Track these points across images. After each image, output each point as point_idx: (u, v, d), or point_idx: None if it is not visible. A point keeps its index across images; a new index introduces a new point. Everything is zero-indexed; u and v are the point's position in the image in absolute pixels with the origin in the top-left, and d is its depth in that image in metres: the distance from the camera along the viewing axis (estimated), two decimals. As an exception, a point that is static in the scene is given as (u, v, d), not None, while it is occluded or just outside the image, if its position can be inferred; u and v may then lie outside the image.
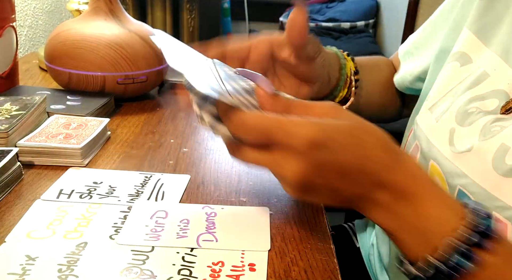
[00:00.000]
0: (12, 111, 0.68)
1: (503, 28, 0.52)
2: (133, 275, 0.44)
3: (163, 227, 0.51)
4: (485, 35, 0.54)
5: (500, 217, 0.42)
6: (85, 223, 0.51)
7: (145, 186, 0.60)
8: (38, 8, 1.37)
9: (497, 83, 0.49)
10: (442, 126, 0.52)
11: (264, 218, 0.54)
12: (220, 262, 0.46)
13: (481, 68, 0.51)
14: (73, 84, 0.85)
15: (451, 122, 0.51)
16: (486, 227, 0.36)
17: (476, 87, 0.51)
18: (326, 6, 2.60)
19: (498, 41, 0.52)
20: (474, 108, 0.49)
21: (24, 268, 0.44)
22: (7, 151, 0.58)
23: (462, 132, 0.49)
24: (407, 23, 2.03)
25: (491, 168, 0.44)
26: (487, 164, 0.44)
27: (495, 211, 0.43)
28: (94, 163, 0.66)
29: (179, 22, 1.92)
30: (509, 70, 0.48)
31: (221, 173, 0.65)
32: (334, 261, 0.48)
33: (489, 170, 0.44)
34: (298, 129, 0.37)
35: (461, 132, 0.49)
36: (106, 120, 0.73)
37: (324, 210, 0.58)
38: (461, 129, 0.49)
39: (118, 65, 0.83)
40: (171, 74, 1.00)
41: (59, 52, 0.84)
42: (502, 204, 0.42)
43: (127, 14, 0.89)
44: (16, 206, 0.54)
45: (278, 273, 0.46)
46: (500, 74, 0.49)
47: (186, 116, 0.85)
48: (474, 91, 0.51)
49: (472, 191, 0.46)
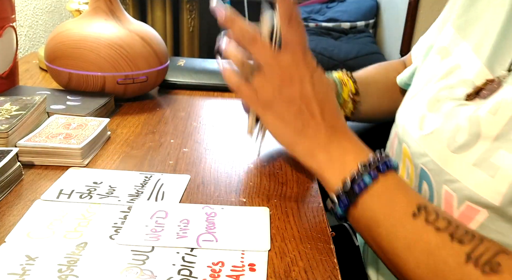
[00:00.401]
0: (12, 111, 0.68)
1: (481, 24, 0.57)
2: (133, 275, 0.44)
3: (163, 227, 0.51)
4: (464, 31, 0.59)
5: (449, 189, 0.49)
6: (85, 223, 0.51)
7: (145, 186, 0.60)
8: (38, 8, 1.37)
9: (466, 73, 0.54)
10: (415, 112, 0.58)
11: (264, 218, 0.54)
12: (220, 262, 0.46)
13: (456, 60, 0.57)
14: (73, 84, 0.85)
15: (422, 109, 0.57)
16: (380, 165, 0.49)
17: (447, 77, 0.57)
18: (326, 6, 2.60)
19: (474, 35, 0.57)
20: (443, 96, 0.55)
21: (24, 268, 0.44)
22: (7, 151, 0.58)
23: (430, 117, 0.55)
24: (407, 23, 2.03)
25: (445, 146, 0.51)
26: (443, 143, 0.51)
27: (445, 184, 0.50)
28: (94, 163, 0.66)
29: (179, 22, 1.92)
30: (477, 62, 0.54)
31: (221, 173, 0.65)
32: (334, 261, 0.48)
33: (443, 148, 0.51)
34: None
35: (429, 117, 0.55)
36: (106, 120, 0.73)
37: (324, 210, 0.58)
38: (429, 115, 0.55)
39: (118, 65, 0.83)
40: (171, 74, 1.00)
41: (59, 52, 0.84)
42: (450, 178, 0.49)
43: (127, 14, 0.89)
44: (16, 206, 0.54)
45: (278, 273, 0.46)
46: (469, 66, 0.55)
47: (186, 116, 0.85)
48: (445, 81, 0.56)
49: (430, 168, 0.52)
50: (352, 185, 0.49)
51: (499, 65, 0.52)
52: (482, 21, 0.57)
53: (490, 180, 0.45)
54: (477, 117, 0.48)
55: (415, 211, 0.45)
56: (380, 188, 0.49)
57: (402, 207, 0.47)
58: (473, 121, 0.48)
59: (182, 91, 0.99)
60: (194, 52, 1.98)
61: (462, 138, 0.49)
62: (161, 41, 0.90)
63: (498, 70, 0.52)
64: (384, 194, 0.49)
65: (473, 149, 0.47)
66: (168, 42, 1.92)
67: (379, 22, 2.55)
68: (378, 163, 0.49)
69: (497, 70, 0.52)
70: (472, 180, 0.47)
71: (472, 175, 0.47)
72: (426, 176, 0.53)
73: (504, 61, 0.51)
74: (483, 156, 0.46)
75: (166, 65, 0.91)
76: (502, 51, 0.52)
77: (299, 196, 0.60)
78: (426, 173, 0.53)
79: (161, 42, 0.90)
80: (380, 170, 0.49)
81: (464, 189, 0.47)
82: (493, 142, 0.46)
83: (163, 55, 0.89)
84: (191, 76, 1.01)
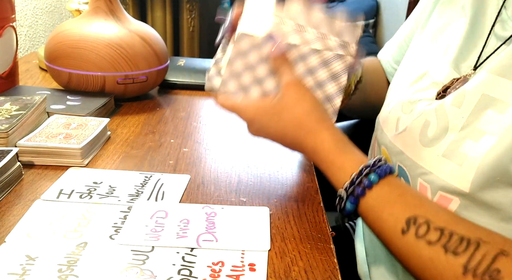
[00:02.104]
0: (12, 111, 0.68)
1: (448, 31, 0.61)
2: (133, 275, 0.44)
3: (163, 227, 0.51)
4: (434, 38, 0.63)
5: (423, 181, 0.52)
6: (85, 223, 0.51)
7: (145, 186, 0.60)
8: (38, 8, 1.37)
9: (435, 76, 0.58)
10: (391, 116, 0.61)
11: (264, 218, 0.54)
12: (220, 262, 0.46)
13: (425, 68, 0.60)
14: (73, 84, 0.85)
15: (398, 112, 0.60)
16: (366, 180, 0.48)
17: (418, 82, 0.60)
18: (326, 6, 2.60)
19: (442, 42, 0.61)
20: (415, 98, 0.58)
21: (24, 268, 0.44)
22: (7, 151, 0.58)
23: (404, 118, 0.58)
24: (407, 23, 2.02)
25: (417, 142, 0.53)
26: (415, 138, 0.54)
27: (419, 177, 0.52)
28: (94, 163, 0.66)
29: (179, 22, 1.92)
30: (445, 64, 0.57)
31: (221, 173, 0.65)
32: (334, 261, 0.48)
33: (416, 144, 0.53)
34: (243, 112, 0.57)
35: (403, 118, 0.58)
36: (106, 120, 0.73)
37: (324, 210, 0.58)
38: (403, 116, 0.58)
39: (118, 65, 0.83)
40: (171, 74, 1.00)
41: (59, 52, 0.84)
42: (423, 171, 0.51)
43: (127, 14, 0.89)
44: (16, 206, 0.54)
45: (278, 273, 0.46)
46: (437, 69, 0.58)
47: (186, 116, 0.85)
48: (417, 85, 0.60)
49: (406, 165, 0.55)
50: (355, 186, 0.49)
51: (465, 65, 0.55)
52: (449, 28, 0.61)
53: (458, 168, 0.47)
54: (443, 111, 0.51)
55: (404, 228, 0.44)
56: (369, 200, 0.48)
57: (390, 225, 0.46)
58: (440, 115, 0.51)
59: (182, 91, 0.99)
60: (194, 52, 1.98)
61: (432, 132, 0.52)
62: (161, 41, 0.90)
63: (464, 70, 0.55)
64: (373, 209, 0.48)
65: (442, 141, 0.50)
66: (168, 42, 1.92)
67: (379, 22, 2.55)
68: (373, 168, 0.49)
69: (463, 70, 0.55)
70: (442, 171, 0.49)
71: (443, 166, 0.49)
72: (403, 172, 0.55)
73: (470, 60, 0.55)
74: (451, 147, 0.49)
75: (166, 65, 0.91)
76: (468, 51, 0.56)
77: (299, 196, 0.60)
78: (403, 170, 0.55)
79: (161, 42, 0.90)
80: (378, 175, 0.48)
81: (436, 180, 0.49)
82: (460, 133, 0.49)
83: (163, 55, 0.89)
84: (191, 76, 1.01)
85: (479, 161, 0.45)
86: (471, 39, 0.57)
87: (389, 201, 0.47)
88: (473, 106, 0.48)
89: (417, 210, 0.45)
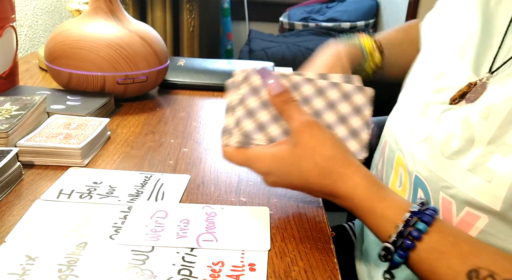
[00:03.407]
0: (12, 111, 0.68)
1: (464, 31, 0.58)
2: (133, 275, 0.44)
3: (163, 227, 0.51)
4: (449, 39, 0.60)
5: (446, 196, 0.49)
6: (85, 223, 0.51)
7: (145, 186, 0.60)
8: (38, 8, 1.37)
9: (452, 78, 0.55)
10: (405, 120, 0.58)
11: (264, 218, 0.54)
12: (220, 262, 0.46)
13: (441, 68, 0.57)
14: (73, 84, 0.85)
15: (412, 116, 0.57)
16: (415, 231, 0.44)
17: (435, 81, 0.57)
18: (326, 6, 2.60)
19: (458, 42, 0.57)
20: (430, 101, 0.55)
21: (24, 268, 0.44)
22: (7, 151, 0.58)
23: (419, 123, 0.55)
24: (407, 23, 2.02)
25: (439, 153, 0.50)
26: (436, 149, 0.51)
27: (442, 191, 0.49)
28: (94, 163, 0.66)
29: (179, 22, 1.92)
30: (463, 66, 0.54)
31: (221, 173, 0.65)
32: (334, 261, 0.48)
33: (438, 155, 0.50)
34: (256, 164, 0.52)
35: (419, 123, 0.55)
36: (106, 120, 0.73)
37: (324, 210, 0.58)
38: (419, 120, 0.55)
39: (118, 65, 0.83)
40: (171, 74, 1.00)
41: (59, 52, 0.84)
42: (446, 184, 0.48)
43: (127, 14, 0.89)
44: (16, 206, 0.54)
45: (278, 273, 0.46)
46: (454, 71, 0.55)
47: (186, 116, 0.85)
48: (433, 86, 0.56)
49: (425, 176, 0.52)
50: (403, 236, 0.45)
51: (483, 68, 0.52)
52: (465, 28, 0.57)
53: (487, 185, 0.44)
54: (469, 122, 0.48)
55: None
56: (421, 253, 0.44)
57: (449, 279, 0.42)
58: (466, 126, 0.48)
59: (182, 91, 0.99)
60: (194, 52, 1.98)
61: (456, 144, 0.48)
62: (161, 41, 0.90)
63: (482, 73, 0.52)
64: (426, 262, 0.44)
65: (467, 154, 0.47)
66: (168, 42, 1.92)
67: (379, 22, 2.55)
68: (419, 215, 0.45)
69: (481, 73, 0.52)
70: (468, 186, 0.46)
71: (469, 181, 0.46)
72: (421, 183, 0.53)
73: (487, 62, 0.52)
74: (478, 161, 0.46)
75: (166, 65, 0.91)
76: (484, 52, 0.53)
77: (299, 196, 0.60)
78: (421, 181, 0.53)
79: (161, 42, 0.90)
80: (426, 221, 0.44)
81: (461, 195, 0.47)
82: (487, 147, 0.46)
83: (163, 55, 0.89)
84: (191, 76, 1.01)
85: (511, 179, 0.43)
86: (486, 38, 0.54)
87: (443, 252, 0.43)
88: (501, 119, 0.45)
89: (476, 260, 0.42)
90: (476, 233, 0.46)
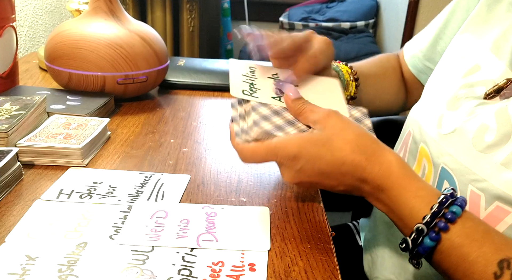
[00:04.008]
0: (12, 111, 0.68)
1: (497, 27, 0.57)
2: (133, 275, 0.44)
3: (163, 227, 0.51)
4: (481, 34, 0.59)
5: (475, 189, 0.48)
6: (85, 223, 0.51)
7: (145, 186, 0.60)
8: (38, 8, 1.37)
9: (487, 73, 0.54)
10: (433, 111, 0.57)
11: (264, 218, 0.54)
12: (220, 262, 0.46)
13: (474, 61, 0.57)
14: (73, 84, 0.85)
15: (441, 108, 0.56)
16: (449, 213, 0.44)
17: (467, 76, 0.56)
18: (326, 6, 2.60)
19: (490, 38, 0.57)
20: (462, 94, 0.55)
21: (24, 268, 0.44)
22: (7, 151, 0.58)
23: (449, 116, 0.54)
24: (407, 23, 2.03)
25: (471, 146, 0.49)
26: (468, 142, 0.50)
27: (471, 184, 0.48)
28: (94, 163, 0.66)
29: (179, 22, 1.92)
30: (499, 62, 0.54)
31: (221, 173, 0.65)
32: (334, 261, 0.48)
33: (469, 148, 0.49)
34: (284, 149, 0.49)
35: (448, 115, 0.54)
36: (106, 120, 0.73)
37: (324, 210, 0.58)
38: (448, 113, 0.55)
39: (118, 65, 0.83)
40: (171, 74, 1.00)
41: (59, 52, 0.84)
42: (477, 178, 0.48)
43: (127, 14, 0.89)
44: (16, 206, 0.54)
45: (278, 273, 0.46)
46: (490, 66, 0.55)
47: (186, 116, 0.85)
48: (465, 80, 0.56)
49: (453, 167, 0.51)
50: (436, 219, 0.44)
51: None
52: (499, 25, 0.57)
53: None
54: (506, 116, 0.47)
55: (497, 272, 0.40)
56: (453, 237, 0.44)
57: (480, 268, 0.42)
58: (502, 121, 0.48)
59: (182, 91, 0.99)
60: (194, 52, 1.98)
61: (491, 138, 0.48)
62: (161, 41, 0.90)
63: None
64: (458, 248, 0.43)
65: (503, 148, 0.46)
66: (168, 42, 1.92)
67: (379, 22, 2.55)
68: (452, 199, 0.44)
69: None
70: (501, 180, 0.45)
71: (501, 175, 0.45)
72: (448, 175, 0.52)
73: None
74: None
75: (166, 65, 0.91)
76: None
77: (299, 196, 0.60)
78: (448, 173, 0.52)
79: (161, 42, 0.90)
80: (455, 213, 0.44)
81: (492, 189, 0.46)
82: None
83: (163, 55, 0.89)
84: (191, 76, 1.01)
85: None
86: None
87: (476, 239, 0.43)
88: None
89: (507, 251, 0.42)
90: (504, 228, 0.45)
